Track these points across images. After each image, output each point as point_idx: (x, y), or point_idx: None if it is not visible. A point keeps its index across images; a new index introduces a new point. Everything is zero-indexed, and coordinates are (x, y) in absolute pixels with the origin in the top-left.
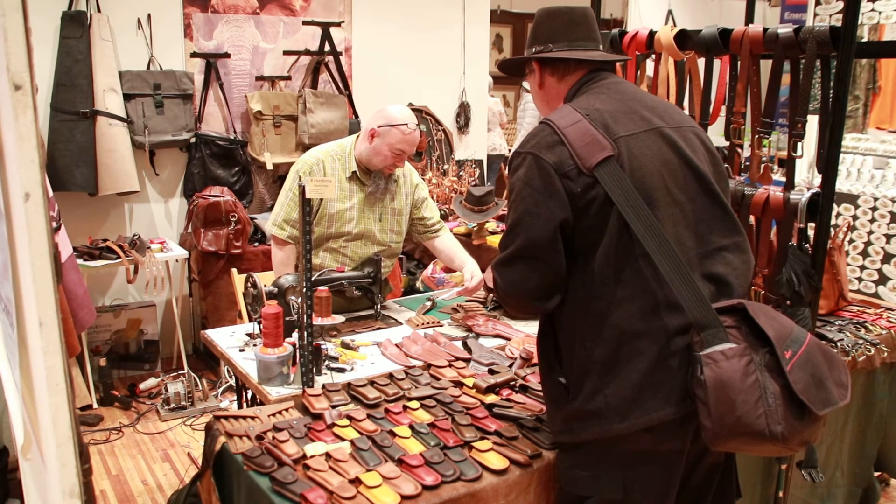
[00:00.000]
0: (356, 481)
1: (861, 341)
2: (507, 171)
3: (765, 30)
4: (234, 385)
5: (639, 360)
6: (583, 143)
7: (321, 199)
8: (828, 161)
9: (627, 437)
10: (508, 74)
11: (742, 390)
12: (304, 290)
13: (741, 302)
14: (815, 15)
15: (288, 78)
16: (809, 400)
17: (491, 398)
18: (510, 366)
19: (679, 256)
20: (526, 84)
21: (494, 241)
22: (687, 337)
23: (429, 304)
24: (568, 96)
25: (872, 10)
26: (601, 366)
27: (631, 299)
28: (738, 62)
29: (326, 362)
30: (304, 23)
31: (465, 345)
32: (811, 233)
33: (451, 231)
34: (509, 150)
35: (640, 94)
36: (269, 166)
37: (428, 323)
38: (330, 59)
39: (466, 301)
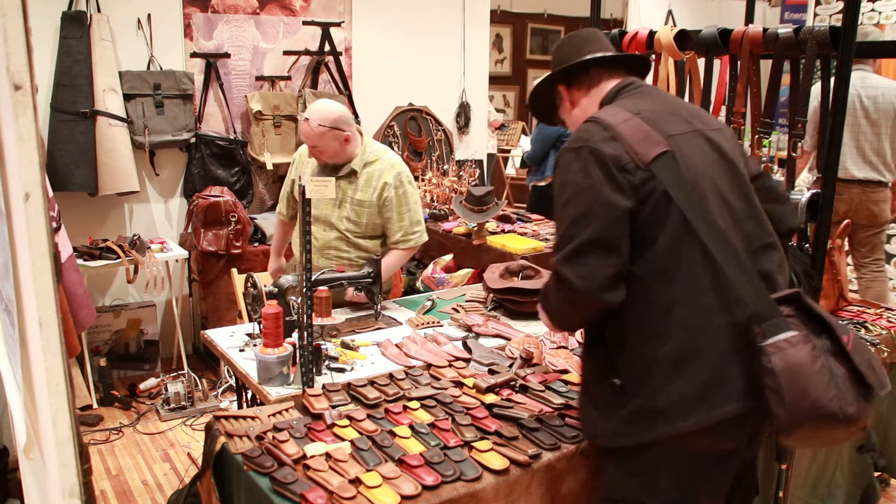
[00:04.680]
0: (356, 481)
1: (861, 341)
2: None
3: (765, 30)
4: (234, 385)
5: (703, 357)
6: (638, 139)
7: (294, 181)
8: (828, 161)
9: (689, 437)
10: (541, 115)
11: (813, 374)
12: (304, 290)
13: (797, 291)
14: (815, 15)
15: (288, 78)
16: (872, 382)
17: (491, 398)
18: (510, 366)
19: (737, 249)
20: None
21: (494, 241)
22: (745, 334)
23: (429, 304)
24: (604, 102)
25: (872, 10)
26: (664, 363)
27: (693, 295)
28: (738, 62)
29: (326, 362)
30: (304, 23)
31: (465, 345)
32: (811, 233)
33: (452, 231)
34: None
35: (675, 98)
36: (269, 166)
37: (428, 323)
38: (330, 59)
39: (466, 301)
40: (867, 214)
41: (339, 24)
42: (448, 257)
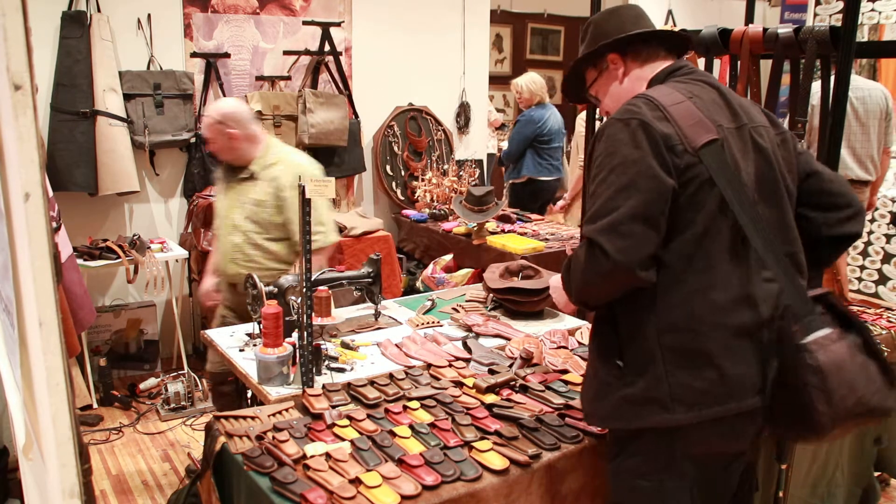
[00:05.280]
0: (356, 481)
1: None
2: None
3: (765, 30)
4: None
5: (715, 353)
6: (689, 123)
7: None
8: (828, 161)
9: (692, 434)
10: (570, 90)
11: (855, 370)
12: (304, 290)
13: (828, 291)
14: (815, 15)
15: (288, 78)
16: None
17: (491, 398)
18: (510, 366)
19: (777, 244)
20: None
21: (494, 241)
22: (761, 333)
23: (429, 304)
24: (654, 81)
25: (872, 10)
26: (671, 353)
27: (716, 289)
28: (738, 62)
29: (326, 362)
30: (304, 23)
31: (465, 345)
32: None
33: (452, 231)
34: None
35: (725, 88)
36: None
37: (428, 323)
38: (330, 59)
39: (466, 301)
40: None
41: (339, 24)
42: (448, 257)
